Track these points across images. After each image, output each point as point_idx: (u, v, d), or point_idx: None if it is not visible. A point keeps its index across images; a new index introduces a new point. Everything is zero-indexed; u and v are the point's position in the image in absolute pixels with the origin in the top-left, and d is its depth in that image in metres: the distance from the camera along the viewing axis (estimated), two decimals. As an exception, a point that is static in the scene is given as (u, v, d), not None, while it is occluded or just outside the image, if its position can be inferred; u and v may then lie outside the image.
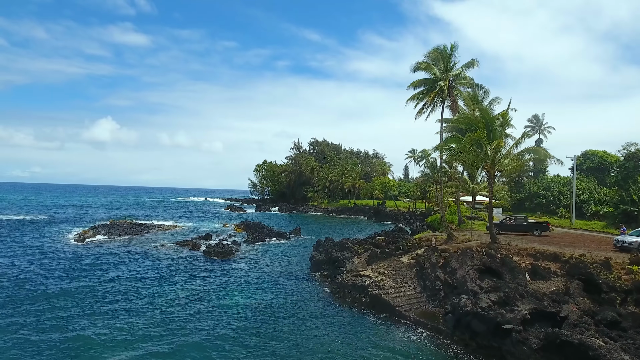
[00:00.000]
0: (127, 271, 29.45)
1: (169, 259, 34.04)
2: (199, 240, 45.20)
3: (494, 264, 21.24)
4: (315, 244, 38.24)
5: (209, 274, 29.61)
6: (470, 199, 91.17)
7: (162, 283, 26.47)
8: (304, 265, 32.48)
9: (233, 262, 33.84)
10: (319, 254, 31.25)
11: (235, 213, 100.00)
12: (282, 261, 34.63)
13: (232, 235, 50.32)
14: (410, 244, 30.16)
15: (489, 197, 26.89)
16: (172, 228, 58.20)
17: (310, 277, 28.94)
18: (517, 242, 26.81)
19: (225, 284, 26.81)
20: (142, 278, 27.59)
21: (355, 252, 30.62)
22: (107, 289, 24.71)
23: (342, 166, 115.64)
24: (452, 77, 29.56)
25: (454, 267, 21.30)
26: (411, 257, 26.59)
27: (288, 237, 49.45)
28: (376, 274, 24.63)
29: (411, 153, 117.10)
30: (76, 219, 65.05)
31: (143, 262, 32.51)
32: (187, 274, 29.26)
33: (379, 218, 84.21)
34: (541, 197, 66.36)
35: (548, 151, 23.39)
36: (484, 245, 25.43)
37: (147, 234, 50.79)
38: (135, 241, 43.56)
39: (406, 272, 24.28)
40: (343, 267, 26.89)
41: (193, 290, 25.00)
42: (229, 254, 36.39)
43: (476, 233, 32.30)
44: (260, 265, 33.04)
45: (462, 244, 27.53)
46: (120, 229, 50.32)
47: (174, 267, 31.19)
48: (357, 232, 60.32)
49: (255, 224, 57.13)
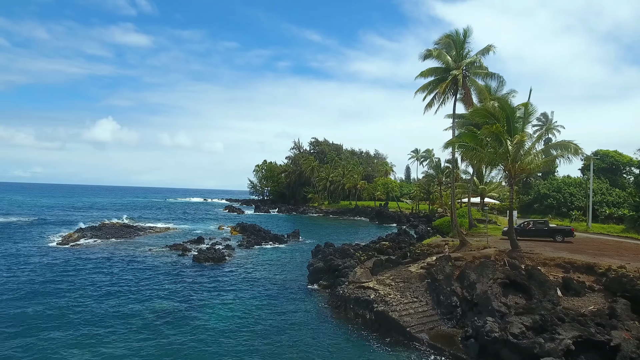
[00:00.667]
0: (104, 280, 26.62)
1: (153, 266, 31.20)
2: (190, 244, 42.41)
3: (519, 277, 18.36)
4: (314, 249, 35.39)
5: (195, 283, 26.77)
6: (476, 200, 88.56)
7: (139, 294, 23.61)
8: (302, 273, 29.61)
9: (223, 270, 30.99)
10: (317, 262, 28.39)
11: (233, 214, 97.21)
12: (278, 269, 31.75)
13: (226, 238, 47.49)
14: (419, 250, 27.27)
15: (509, 199, 23.97)
16: (164, 230, 55.41)
17: (307, 288, 26.06)
18: (540, 249, 23.90)
19: (211, 296, 23.90)
20: (119, 288, 24.74)
21: (357, 259, 27.77)
22: (74, 301, 21.92)
23: (343, 166, 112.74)
24: (465, 66, 26.70)
25: (472, 281, 18.41)
26: (421, 266, 23.70)
27: (285, 241, 46.60)
28: (382, 285, 21.74)
29: (414, 153, 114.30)
30: (66, 220, 62.29)
31: (124, 269, 29.66)
32: (171, 283, 26.43)
33: (381, 220, 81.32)
34: (551, 199, 63.40)
35: (579, 146, 20.46)
36: (503, 254, 22.53)
37: (137, 236, 48.00)
38: (122, 245, 40.74)
39: (416, 284, 21.38)
40: (344, 277, 24.03)
41: (173, 304, 22.12)
42: (220, 259, 33.55)
43: (491, 239, 29.40)
44: (253, 273, 30.19)
45: (478, 252, 24.63)
46: (109, 232, 47.52)
47: (157, 275, 28.34)
48: (359, 235, 57.46)
49: (252, 227, 54.30)
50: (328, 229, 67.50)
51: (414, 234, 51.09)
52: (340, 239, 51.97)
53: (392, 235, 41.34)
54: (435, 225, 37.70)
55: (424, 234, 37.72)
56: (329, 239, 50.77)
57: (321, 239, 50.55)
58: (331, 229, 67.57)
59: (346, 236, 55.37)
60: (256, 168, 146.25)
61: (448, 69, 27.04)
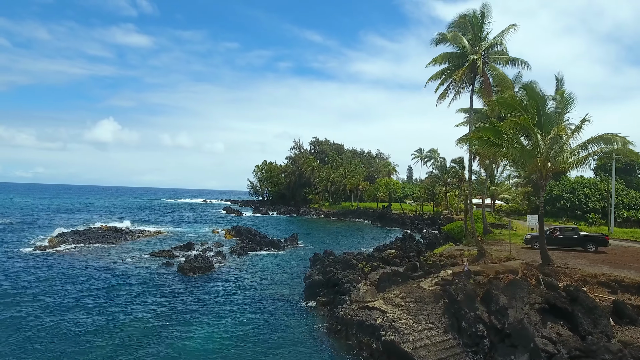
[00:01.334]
0: (70, 292, 23.36)
1: (131, 276, 27.91)
2: (179, 250, 39.15)
3: (560, 300, 14.99)
4: (312, 257, 32.09)
5: (175, 297, 23.48)
6: (481, 202, 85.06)
7: (106, 310, 20.33)
8: (298, 286, 26.29)
9: (210, 281, 27.69)
10: (315, 274, 25.07)
11: (231, 216, 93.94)
12: (271, 280, 28.42)
13: (219, 243, 44.19)
14: (430, 261, 23.91)
15: (539, 203, 20.62)
16: (154, 234, 52.12)
17: (303, 306, 22.71)
18: (574, 262, 20.55)
19: (190, 314, 20.59)
20: (83, 303, 21.50)
21: (360, 271, 24.43)
22: (28, 315, 18.70)
23: (345, 166, 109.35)
24: (484, 50, 23.34)
25: (502, 305, 15.04)
26: (435, 281, 20.37)
27: (282, 247, 43.27)
28: (390, 306, 18.42)
29: (417, 153, 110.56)
30: (52, 224, 59.03)
31: (96, 281, 26.36)
32: (147, 297, 23.16)
33: (384, 222, 77.92)
34: (565, 201, 59.96)
35: (627, 139, 17.12)
36: (533, 268, 19.17)
37: (124, 241, 44.75)
38: (103, 251, 37.47)
39: (430, 304, 18.05)
40: (346, 294, 20.70)
41: (145, 323, 18.84)
42: (207, 269, 30.25)
43: (508, 246, 26.03)
44: (243, 286, 26.87)
45: (500, 265, 21.27)
46: (93, 237, 44.28)
47: (132, 288, 25.06)
48: (361, 239, 54.11)
49: (247, 231, 50.98)
50: (328, 232, 64.16)
51: (420, 239, 47.74)
52: (341, 244, 48.68)
53: (398, 242, 37.94)
54: (446, 230, 34.35)
55: (433, 240, 34.34)
56: (329, 244, 47.49)
57: (321, 244, 47.27)
58: (332, 232, 64.23)
59: (347, 241, 52.04)
60: (256, 168, 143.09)
61: (464, 55, 23.70)
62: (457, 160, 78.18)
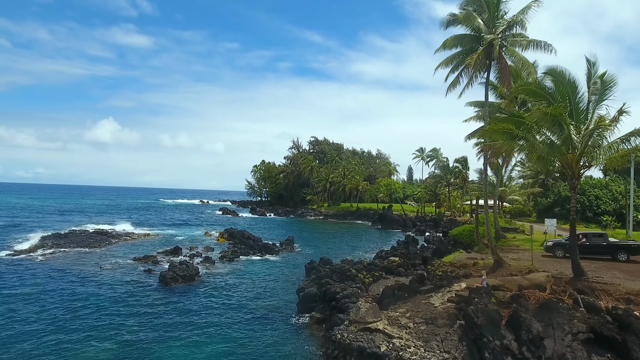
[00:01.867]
0: (32, 303, 20.50)
1: (105, 287, 25.10)
2: (165, 255, 36.39)
3: (606, 327, 12.19)
4: (307, 264, 29.31)
5: (150, 312, 20.71)
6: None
7: (66, 331, 17.51)
8: (290, 297, 23.50)
9: (194, 292, 24.90)
10: (310, 285, 22.28)
11: (227, 217, 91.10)
12: (262, 291, 25.62)
13: (209, 247, 41.40)
14: (440, 272, 21.10)
15: (571, 206, 17.84)
16: (142, 237, 49.28)
17: (295, 323, 19.91)
18: (608, 276, 17.78)
19: (164, 333, 17.83)
20: (46, 317, 18.67)
21: (360, 283, 21.62)
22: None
23: (344, 166, 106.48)
24: (502, 31, 20.55)
25: (536, 333, 12.25)
26: (447, 297, 17.57)
27: (277, 251, 40.45)
28: (396, 328, 15.63)
29: (419, 152, 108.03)
30: (35, 225, 56.17)
31: (65, 293, 23.54)
32: (119, 314, 20.35)
33: (384, 224, 75.08)
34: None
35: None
36: (563, 283, 16.40)
37: (108, 245, 41.95)
38: (83, 257, 34.64)
39: (444, 328, 15.25)
40: (344, 311, 17.91)
41: (113, 345, 16.05)
42: (191, 278, 27.43)
43: (528, 255, 23.27)
44: (230, 297, 24.08)
45: (522, 277, 18.48)
46: (75, 240, 41.44)
47: (102, 301, 22.25)
48: (361, 243, 51.30)
49: (241, 234, 48.18)
50: (327, 235, 61.36)
51: (424, 243, 44.98)
52: (339, 247, 45.92)
53: (401, 248, 35.08)
54: (453, 235, 31.51)
55: (439, 246, 31.51)
56: (327, 248, 44.73)
57: (318, 248, 44.53)
58: (330, 235, 61.42)
59: (346, 244, 49.24)
60: (254, 168, 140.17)
61: (478, 37, 20.93)
62: (460, 159, 75.49)
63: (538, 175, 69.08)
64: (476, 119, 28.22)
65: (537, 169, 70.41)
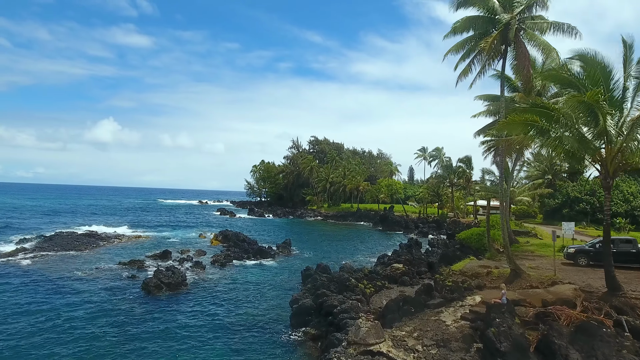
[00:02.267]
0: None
1: (83, 295, 22.95)
2: (153, 259, 34.26)
3: (661, 358, 9.99)
4: (304, 270, 27.13)
5: (130, 325, 18.57)
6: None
7: (33, 347, 15.36)
8: (284, 309, 21.31)
9: (179, 302, 22.73)
10: (304, 296, 20.10)
11: (224, 218, 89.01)
12: (253, 301, 23.43)
13: (201, 251, 39.22)
14: (450, 282, 18.89)
15: (605, 210, 15.70)
16: (133, 239, 47.14)
17: (287, 339, 17.73)
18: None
19: (145, 347, 15.69)
20: (7, 333, 16.50)
21: (361, 294, 19.42)
22: None
23: (344, 166, 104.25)
24: (520, 12, 18.36)
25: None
26: (461, 314, 15.38)
27: (273, 255, 38.25)
28: (402, 351, 13.46)
29: (421, 152, 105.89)
30: (23, 227, 54.04)
31: (38, 302, 21.39)
32: (94, 326, 18.23)
33: (385, 226, 72.84)
34: (584, 204, 54.89)
35: None
36: (595, 298, 14.20)
37: (95, 248, 39.83)
38: (64, 261, 32.49)
39: (458, 352, 13.06)
40: (342, 329, 15.72)
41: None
42: (177, 286, 25.27)
43: (547, 263, 21.06)
44: (217, 307, 21.91)
45: (544, 290, 16.30)
46: (60, 243, 39.28)
47: (79, 312, 20.10)
48: (362, 246, 49.08)
49: (236, 236, 45.99)
50: (326, 237, 59.15)
51: (428, 246, 42.81)
52: (339, 251, 43.75)
53: (405, 253, 32.87)
54: (461, 239, 29.26)
55: (446, 251, 29.23)
56: (326, 252, 42.57)
57: (317, 252, 42.39)
58: (330, 237, 59.22)
59: (346, 247, 47.04)
60: (253, 168, 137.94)
61: (493, 20, 18.77)
62: (464, 159, 73.36)
63: (545, 175, 66.83)
64: (486, 114, 26.05)
65: (544, 168, 68.23)
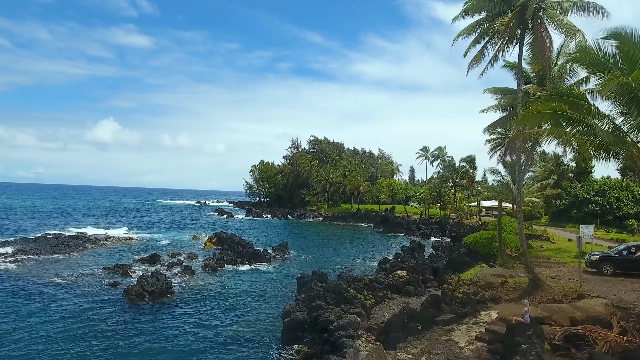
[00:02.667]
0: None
1: (59, 304, 20.99)
2: (140, 264, 32.34)
3: None
4: (299, 277, 25.11)
5: (106, 339, 16.63)
6: (491, 204, 77.85)
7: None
8: (275, 321, 19.34)
9: (160, 312, 20.77)
10: (299, 308, 18.12)
11: (221, 218, 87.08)
12: (242, 311, 21.45)
13: (193, 254, 37.19)
14: (460, 294, 16.87)
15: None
16: (123, 242, 45.19)
17: (278, 358, 15.76)
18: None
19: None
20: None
21: (360, 306, 17.42)
22: None
23: (344, 166, 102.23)
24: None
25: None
26: (475, 333, 13.40)
27: (268, 259, 36.25)
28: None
29: (422, 151, 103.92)
30: (9, 229, 52.08)
31: (7, 313, 19.45)
32: (66, 341, 16.29)
33: (386, 227, 70.81)
34: (593, 205, 52.87)
35: None
36: (633, 317, 12.21)
37: (82, 250, 37.90)
38: (45, 265, 30.53)
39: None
40: (338, 350, 13.74)
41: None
42: (161, 294, 23.29)
43: (564, 270, 19.05)
44: (202, 319, 19.94)
45: (569, 305, 14.30)
46: (44, 246, 37.30)
47: (51, 324, 18.16)
48: (362, 248, 47.11)
49: (230, 238, 43.96)
50: (325, 239, 57.16)
51: (432, 250, 40.82)
52: (338, 254, 41.79)
53: (408, 259, 30.84)
54: (468, 243, 27.23)
55: (454, 257, 27.12)
56: (324, 255, 40.61)
57: (315, 255, 40.44)
58: (329, 238, 57.24)
59: (346, 250, 45.06)
60: (252, 168, 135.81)
61: (509, 0, 16.80)
62: (467, 158, 71.47)
63: (551, 175, 64.78)
64: (497, 108, 24.05)
65: (550, 168, 66.24)
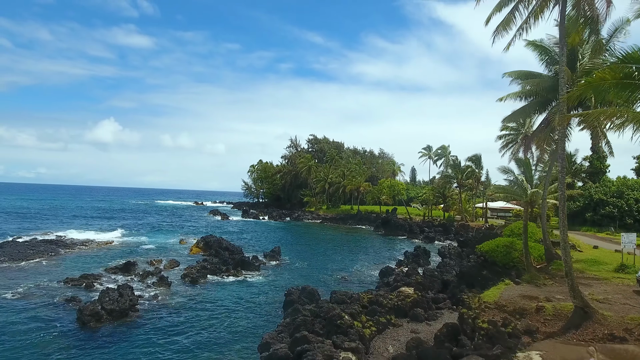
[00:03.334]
0: None
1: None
2: (112, 273, 28.78)
3: None
4: (286, 293, 21.39)
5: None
6: (498, 205, 73.92)
7: None
8: (251, 356, 15.66)
9: (117, 338, 17.14)
10: (280, 339, 14.43)
11: (216, 220, 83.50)
12: (217, 337, 17.77)
13: (174, 262, 33.52)
14: (484, 322, 13.15)
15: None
16: (102, 246, 41.58)
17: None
18: None
19: None
20: None
21: (356, 337, 13.71)
22: None
23: (344, 166, 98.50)
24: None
25: None
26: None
27: (257, 267, 32.53)
28: None
29: (425, 150, 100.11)
30: None
31: None
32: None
33: (388, 230, 67.16)
34: (610, 207, 49.12)
35: None
36: None
37: (53, 256, 34.38)
38: (4, 275, 26.94)
39: None
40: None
41: None
42: (123, 314, 19.64)
43: (605, 287, 15.37)
44: (166, 347, 16.30)
45: (638, 346, 10.61)
46: (9, 252, 33.60)
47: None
48: (361, 254, 43.38)
49: (218, 243, 40.36)
50: (323, 243, 53.45)
51: (438, 256, 37.20)
52: (335, 260, 38.13)
53: (413, 272, 27.20)
54: (484, 251, 23.51)
55: (467, 269, 23.27)
56: (320, 262, 36.95)
57: (310, 262, 36.81)
58: (327, 242, 53.53)
59: (344, 256, 41.32)
60: (251, 168, 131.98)
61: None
62: (472, 158, 67.78)
63: (563, 175, 60.94)
64: (518, 96, 20.42)
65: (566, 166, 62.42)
